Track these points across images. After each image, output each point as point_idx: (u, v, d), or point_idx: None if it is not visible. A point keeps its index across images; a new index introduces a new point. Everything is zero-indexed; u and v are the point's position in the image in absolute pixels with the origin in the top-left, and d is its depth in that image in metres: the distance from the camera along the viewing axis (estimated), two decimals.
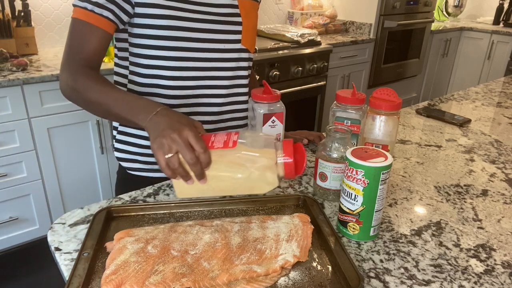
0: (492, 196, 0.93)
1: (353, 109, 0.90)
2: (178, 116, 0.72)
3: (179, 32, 0.90)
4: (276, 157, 0.68)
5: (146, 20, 0.89)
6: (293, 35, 2.66)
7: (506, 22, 3.94)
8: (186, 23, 0.90)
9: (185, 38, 0.91)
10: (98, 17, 0.83)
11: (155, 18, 0.88)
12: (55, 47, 2.39)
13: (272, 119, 0.89)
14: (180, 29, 0.90)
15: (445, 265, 0.70)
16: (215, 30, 0.95)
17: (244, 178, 0.68)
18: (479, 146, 1.21)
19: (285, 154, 0.68)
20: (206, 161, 0.65)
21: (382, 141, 0.85)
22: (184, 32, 0.90)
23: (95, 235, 0.71)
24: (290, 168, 0.68)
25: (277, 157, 0.68)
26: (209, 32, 0.94)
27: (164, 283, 0.59)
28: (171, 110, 0.74)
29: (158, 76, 0.94)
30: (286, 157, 0.67)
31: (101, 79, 0.85)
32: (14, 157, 1.87)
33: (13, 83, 1.75)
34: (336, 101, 0.94)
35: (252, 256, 0.66)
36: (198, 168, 0.66)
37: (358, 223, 0.73)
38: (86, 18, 0.83)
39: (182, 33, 0.90)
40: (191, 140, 0.65)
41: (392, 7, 3.20)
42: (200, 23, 0.92)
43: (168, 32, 0.89)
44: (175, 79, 0.94)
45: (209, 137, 0.70)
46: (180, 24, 0.90)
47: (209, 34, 0.94)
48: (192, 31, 0.91)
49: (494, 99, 1.68)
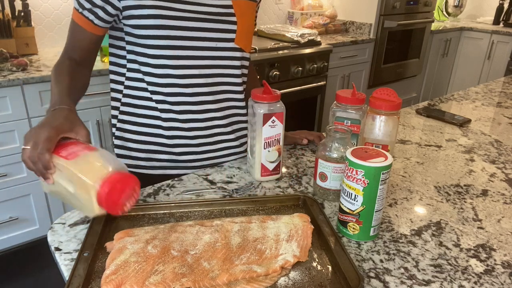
0: (492, 196, 0.93)
1: (353, 109, 0.90)
2: (54, 118, 0.73)
3: (169, 31, 0.91)
4: (99, 182, 0.62)
5: (133, 21, 0.91)
6: (293, 35, 2.66)
7: (506, 22, 3.94)
8: (170, 22, 0.91)
9: (171, 37, 0.92)
10: (85, 20, 0.90)
11: (141, 18, 0.90)
12: (55, 47, 2.39)
13: (272, 119, 0.89)
14: (170, 28, 0.91)
15: (445, 265, 0.70)
16: (206, 28, 0.96)
17: (72, 194, 0.66)
18: (479, 146, 1.21)
19: (103, 182, 0.62)
20: (43, 162, 0.66)
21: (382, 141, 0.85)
22: (168, 30, 0.92)
23: (95, 235, 0.71)
24: (100, 198, 0.62)
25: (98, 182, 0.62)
26: (199, 30, 0.95)
27: (164, 283, 0.60)
28: (59, 112, 0.75)
29: (147, 80, 0.96)
30: (102, 185, 0.62)
31: (69, 72, 0.91)
32: (14, 157, 1.87)
33: (13, 83, 1.75)
34: (336, 101, 0.94)
35: (252, 256, 0.66)
36: (37, 167, 0.67)
37: (358, 223, 0.73)
38: (77, 19, 0.91)
39: (167, 31, 0.92)
40: (40, 140, 0.67)
41: (392, 7, 3.20)
42: (187, 21, 0.93)
43: (154, 32, 0.91)
44: (167, 77, 0.95)
45: (68, 144, 0.69)
46: (170, 23, 0.91)
47: (198, 32, 0.95)
48: (178, 29, 0.93)
49: (494, 99, 1.68)
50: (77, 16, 0.90)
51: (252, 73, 1.18)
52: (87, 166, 0.65)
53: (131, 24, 0.91)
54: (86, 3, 0.88)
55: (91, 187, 0.62)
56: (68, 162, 0.66)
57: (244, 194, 0.89)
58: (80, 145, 0.70)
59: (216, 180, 0.96)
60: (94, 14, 0.89)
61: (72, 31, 0.94)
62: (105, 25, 0.92)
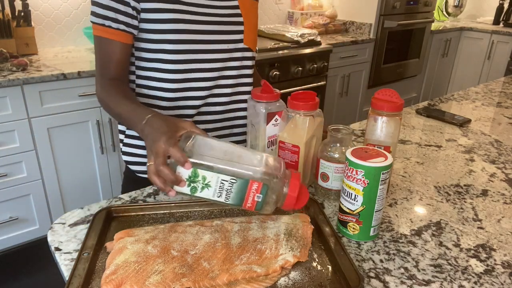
0: (492, 196, 0.93)
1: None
2: (156, 126, 0.71)
3: (183, 35, 0.91)
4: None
5: (149, 25, 0.90)
6: (293, 35, 2.66)
7: (506, 22, 3.93)
8: (190, 26, 0.91)
9: (189, 41, 0.92)
10: (115, 31, 0.88)
11: (159, 22, 0.89)
12: (55, 47, 2.39)
13: (275, 117, 0.89)
14: (184, 32, 0.91)
15: (445, 265, 0.70)
16: (218, 31, 0.96)
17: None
18: (479, 146, 1.21)
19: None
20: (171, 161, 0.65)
21: (384, 142, 0.85)
22: (188, 35, 0.91)
23: (95, 235, 0.71)
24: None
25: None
26: (213, 33, 0.95)
27: (164, 283, 0.59)
28: (153, 119, 0.74)
29: (159, 86, 0.96)
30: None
31: (123, 91, 0.89)
32: (14, 157, 1.87)
33: (13, 83, 1.75)
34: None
35: (252, 256, 0.66)
36: (165, 176, 0.65)
37: (358, 223, 0.73)
38: (105, 34, 0.88)
39: (186, 36, 0.91)
40: (160, 149, 0.65)
41: (392, 7, 3.20)
42: (203, 25, 0.93)
43: (173, 36, 0.90)
44: (179, 81, 0.95)
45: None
46: (184, 27, 0.91)
47: (212, 35, 0.95)
48: (195, 33, 0.92)
49: (494, 99, 1.68)
50: (102, 30, 0.88)
51: (255, 71, 1.19)
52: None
53: (145, 28, 0.90)
54: (111, 13, 0.86)
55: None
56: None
57: None
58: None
59: None
60: (124, 23, 0.87)
61: (100, 48, 0.91)
62: (133, 30, 0.90)
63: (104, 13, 0.86)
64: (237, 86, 1.03)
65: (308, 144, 0.85)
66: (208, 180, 0.65)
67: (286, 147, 0.85)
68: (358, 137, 1.23)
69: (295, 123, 0.85)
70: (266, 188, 0.65)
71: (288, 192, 0.67)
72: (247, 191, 0.65)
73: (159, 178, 0.65)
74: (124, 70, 0.94)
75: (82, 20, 2.42)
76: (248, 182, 0.64)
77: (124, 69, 0.94)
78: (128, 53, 0.93)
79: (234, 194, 0.65)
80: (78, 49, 2.36)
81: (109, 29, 0.88)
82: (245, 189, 0.65)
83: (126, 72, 0.95)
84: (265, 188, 0.65)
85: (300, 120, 0.84)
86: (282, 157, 0.87)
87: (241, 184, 0.65)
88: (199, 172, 0.64)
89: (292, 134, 0.84)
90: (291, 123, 0.85)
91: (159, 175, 0.65)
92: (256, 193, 0.65)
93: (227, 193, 0.66)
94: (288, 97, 0.85)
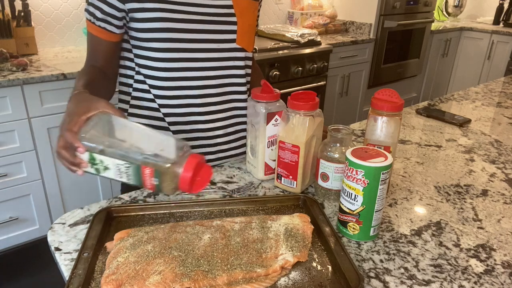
0: (492, 196, 0.93)
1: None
2: (71, 105, 0.72)
3: (170, 34, 0.92)
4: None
5: (138, 25, 0.91)
6: (293, 35, 2.66)
7: (506, 22, 3.93)
8: (178, 25, 0.92)
9: (178, 39, 0.93)
10: (100, 30, 0.91)
11: (146, 22, 0.90)
12: (55, 47, 2.39)
13: (275, 117, 0.89)
14: (171, 30, 0.91)
15: (445, 265, 0.70)
16: (208, 30, 0.96)
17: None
18: (479, 146, 1.21)
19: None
20: (69, 141, 0.66)
21: (384, 142, 0.85)
22: (176, 33, 0.92)
23: (95, 235, 0.71)
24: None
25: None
26: (203, 32, 0.95)
27: (164, 283, 0.59)
28: (74, 97, 0.75)
29: (152, 84, 0.97)
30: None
31: (90, 72, 0.91)
32: (14, 157, 1.87)
33: (13, 83, 1.75)
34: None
35: (252, 256, 0.66)
36: (67, 155, 0.68)
37: (358, 223, 0.73)
38: (92, 30, 0.93)
39: (174, 34, 0.92)
40: (62, 128, 0.68)
41: (392, 7, 3.20)
42: (193, 23, 0.93)
43: (160, 35, 0.91)
44: (169, 80, 0.96)
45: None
46: (171, 25, 0.91)
47: (202, 34, 0.95)
48: (184, 32, 0.93)
49: (494, 99, 1.68)
50: (91, 27, 0.92)
51: (256, 70, 1.19)
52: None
53: (135, 27, 0.92)
54: (97, 12, 0.89)
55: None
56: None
57: (244, 194, 0.89)
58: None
59: (216, 180, 0.96)
60: (107, 22, 0.90)
61: (90, 43, 0.95)
62: (119, 30, 0.93)
63: (92, 10, 0.90)
64: (228, 86, 1.03)
65: (308, 144, 0.85)
66: (107, 163, 0.66)
67: (286, 147, 0.85)
68: (358, 137, 1.23)
69: (295, 123, 0.85)
70: (159, 172, 0.65)
71: (181, 172, 0.65)
72: (142, 175, 0.66)
73: (62, 160, 0.68)
74: (109, 63, 0.97)
75: (82, 20, 2.42)
76: (140, 168, 0.65)
77: (109, 62, 0.97)
78: (113, 49, 0.96)
79: (133, 176, 0.66)
80: (78, 49, 2.36)
81: (94, 26, 0.91)
82: (139, 173, 0.66)
83: (112, 64, 0.98)
84: (158, 172, 0.65)
85: (300, 120, 0.84)
86: (282, 157, 0.87)
87: (135, 169, 0.65)
88: (95, 156, 0.66)
89: (292, 134, 0.84)
90: (291, 123, 0.85)
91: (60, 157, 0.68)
92: (151, 176, 0.65)
93: (127, 175, 0.67)
94: (288, 97, 0.85)
